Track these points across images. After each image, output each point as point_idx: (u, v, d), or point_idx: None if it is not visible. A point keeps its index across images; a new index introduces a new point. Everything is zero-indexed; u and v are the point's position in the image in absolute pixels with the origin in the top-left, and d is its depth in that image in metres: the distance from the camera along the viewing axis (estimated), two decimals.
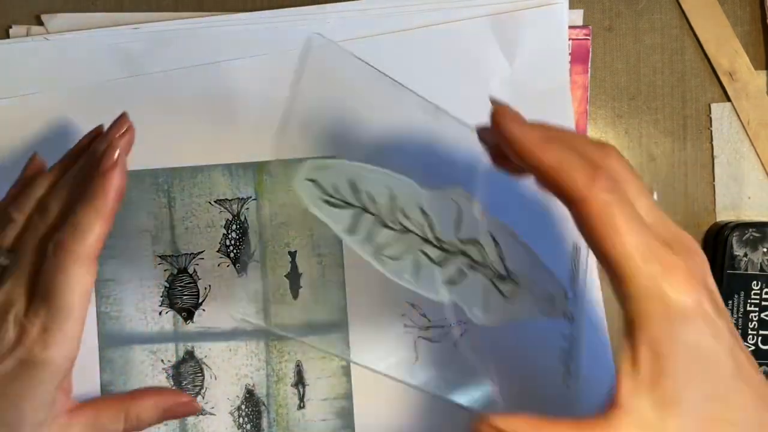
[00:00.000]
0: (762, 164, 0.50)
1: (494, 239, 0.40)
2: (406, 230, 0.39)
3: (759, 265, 0.48)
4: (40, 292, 0.38)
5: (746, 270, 0.48)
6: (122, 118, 0.41)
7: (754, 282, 0.48)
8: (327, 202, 0.38)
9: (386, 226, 0.39)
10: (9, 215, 0.40)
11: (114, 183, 0.38)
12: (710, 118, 0.50)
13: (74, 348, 0.38)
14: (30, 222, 0.40)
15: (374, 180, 0.39)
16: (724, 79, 0.50)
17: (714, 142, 0.50)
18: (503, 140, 0.34)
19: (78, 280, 0.38)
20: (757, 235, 0.48)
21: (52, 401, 0.39)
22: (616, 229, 0.32)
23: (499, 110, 0.34)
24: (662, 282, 0.32)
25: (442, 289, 0.39)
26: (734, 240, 0.48)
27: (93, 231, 0.38)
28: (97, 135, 0.42)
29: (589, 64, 0.50)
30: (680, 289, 0.32)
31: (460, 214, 0.39)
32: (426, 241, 0.39)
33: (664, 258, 0.32)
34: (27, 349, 0.37)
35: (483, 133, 0.38)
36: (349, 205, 0.38)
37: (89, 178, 0.39)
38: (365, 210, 0.39)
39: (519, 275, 0.40)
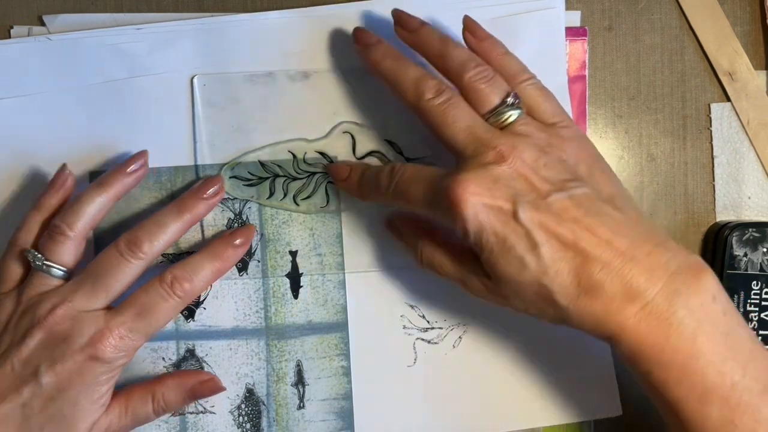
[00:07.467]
0: (762, 164, 0.50)
1: (389, 142, 0.49)
2: (312, 173, 0.49)
3: (759, 265, 0.48)
4: (137, 308, 0.42)
5: (746, 270, 0.48)
6: (216, 179, 0.47)
7: (754, 282, 0.48)
8: (248, 185, 0.49)
9: (296, 178, 0.49)
10: (60, 229, 0.43)
11: (239, 257, 0.46)
12: (710, 118, 0.50)
13: (132, 357, 0.43)
14: (119, 250, 0.43)
15: (275, 151, 0.49)
16: (724, 79, 0.50)
17: (714, 142, 0.50)
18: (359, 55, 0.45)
19: (176, 312, 0.44)
20: (757, 235, 0.48)
21: (105, 399, 0.43)
22: (437, 126, 0.41)
23: (356, 33, 0.45)
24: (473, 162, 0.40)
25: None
26: (734, 240, 0.48)
27: (206, 282, 0.44)
28: (141, 159, 0.46)
29: (587, 64, 0.50)
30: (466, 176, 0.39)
31: (353, 140, 0.49)
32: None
33: (486, 145, 0.40)
34: (99, 350, 0.41)
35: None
36: (263, 178, 0.49)
37: (220, 243, 0.45)
38: (276, 175, 0.49)
39: (420, 156, 0.49)
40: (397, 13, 0.45)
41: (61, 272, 0.43)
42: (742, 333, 0.37)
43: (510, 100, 0.41)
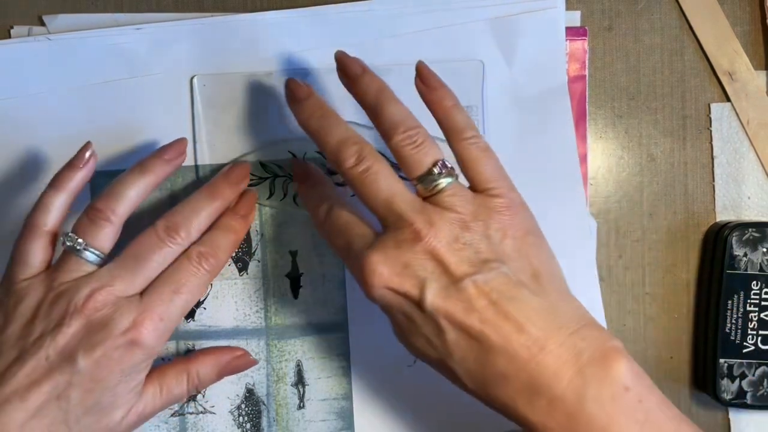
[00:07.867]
0: (762, 164, 0.50)
1: None
2: None
3: (759, 265, 0.48)
4: (173, 286, 0.42)
5: (746, 270, 0.48)
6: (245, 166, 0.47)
7: (754, 282, 0.48)
8: (248, 185, 0.47)
9: None
10: (103, 214, 0.42)
11: (249, 224, 0.47)
12: (710, 118, 0.50)
13: (165, 344, 0.43)
14: (158, 235, 0.42)
15: (275, 151, 0.49)
16: (724, 79, 0.50)
17: (714, 142, 0.50)
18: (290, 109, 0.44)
19: (205, 287, 0.45)
20: (757, 235, 0.48)
21: (140, 386, 0.42)
22: (358, 194, 0.40)
23: (287, 84, 0.43)
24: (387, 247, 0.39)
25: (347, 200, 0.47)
26: (734, 240, 0.48)
27: (227, 254, 0.44)
28: (178, 148, 0.44)
29: (587, 64, 0.50)
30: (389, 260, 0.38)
31: None
32: (331, 173, 0.48)
33: (404, 221, 0.38)
34: (141, 334, 0.40)
35: None
36: (263, 178, 0.49)
37: (229, 216, 0.45)
38: (276, 175, 0.49)
39: None
40: (339, 56, 0.43)
41: (98, 257, 0.42)
42: (661, 417, 0.36)
43: (436, 170, 0.39)
